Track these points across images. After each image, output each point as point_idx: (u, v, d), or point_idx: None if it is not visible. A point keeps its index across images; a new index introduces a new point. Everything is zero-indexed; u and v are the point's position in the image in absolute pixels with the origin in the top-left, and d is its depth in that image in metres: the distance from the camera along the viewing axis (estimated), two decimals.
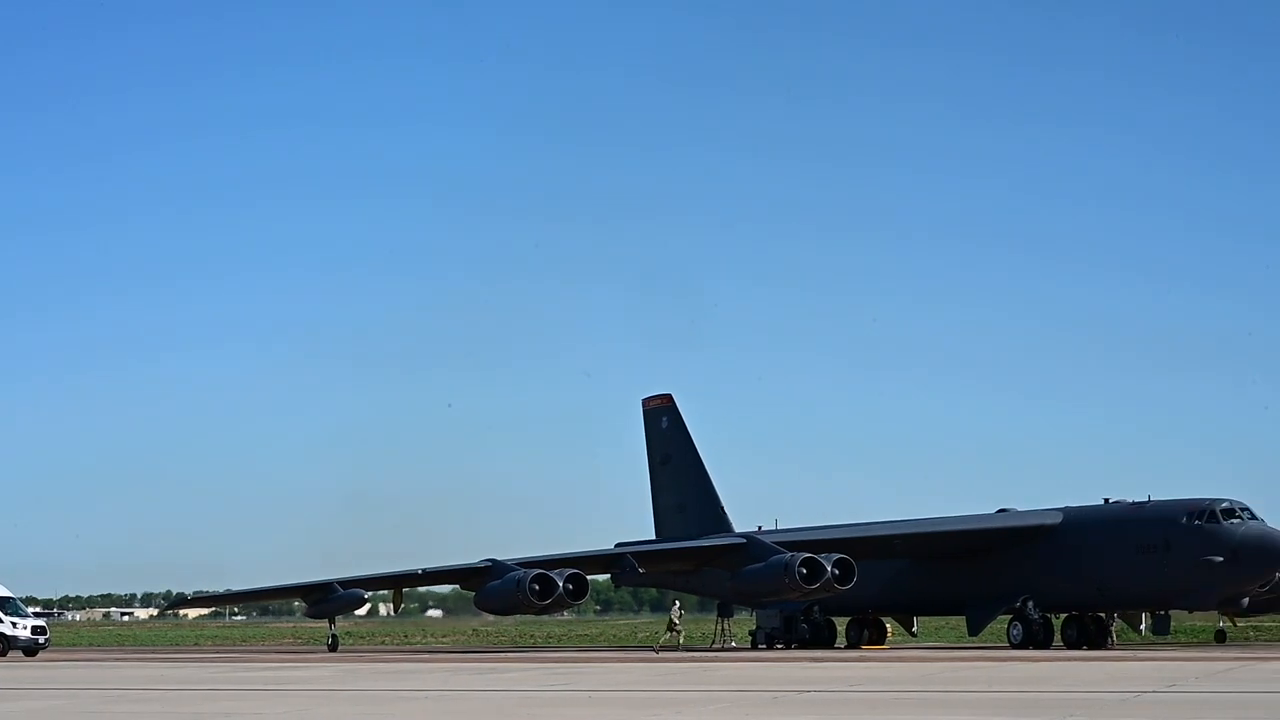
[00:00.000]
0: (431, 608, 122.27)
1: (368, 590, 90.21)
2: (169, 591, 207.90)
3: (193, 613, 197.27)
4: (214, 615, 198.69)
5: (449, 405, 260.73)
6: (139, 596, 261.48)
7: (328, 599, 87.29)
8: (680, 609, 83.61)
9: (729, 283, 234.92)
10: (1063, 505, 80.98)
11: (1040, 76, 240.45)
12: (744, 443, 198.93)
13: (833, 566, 76.49)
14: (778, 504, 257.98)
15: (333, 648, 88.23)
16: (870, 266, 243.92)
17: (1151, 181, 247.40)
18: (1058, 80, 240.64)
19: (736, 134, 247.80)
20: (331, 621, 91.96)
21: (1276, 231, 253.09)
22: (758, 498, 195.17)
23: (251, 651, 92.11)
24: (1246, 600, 77.69)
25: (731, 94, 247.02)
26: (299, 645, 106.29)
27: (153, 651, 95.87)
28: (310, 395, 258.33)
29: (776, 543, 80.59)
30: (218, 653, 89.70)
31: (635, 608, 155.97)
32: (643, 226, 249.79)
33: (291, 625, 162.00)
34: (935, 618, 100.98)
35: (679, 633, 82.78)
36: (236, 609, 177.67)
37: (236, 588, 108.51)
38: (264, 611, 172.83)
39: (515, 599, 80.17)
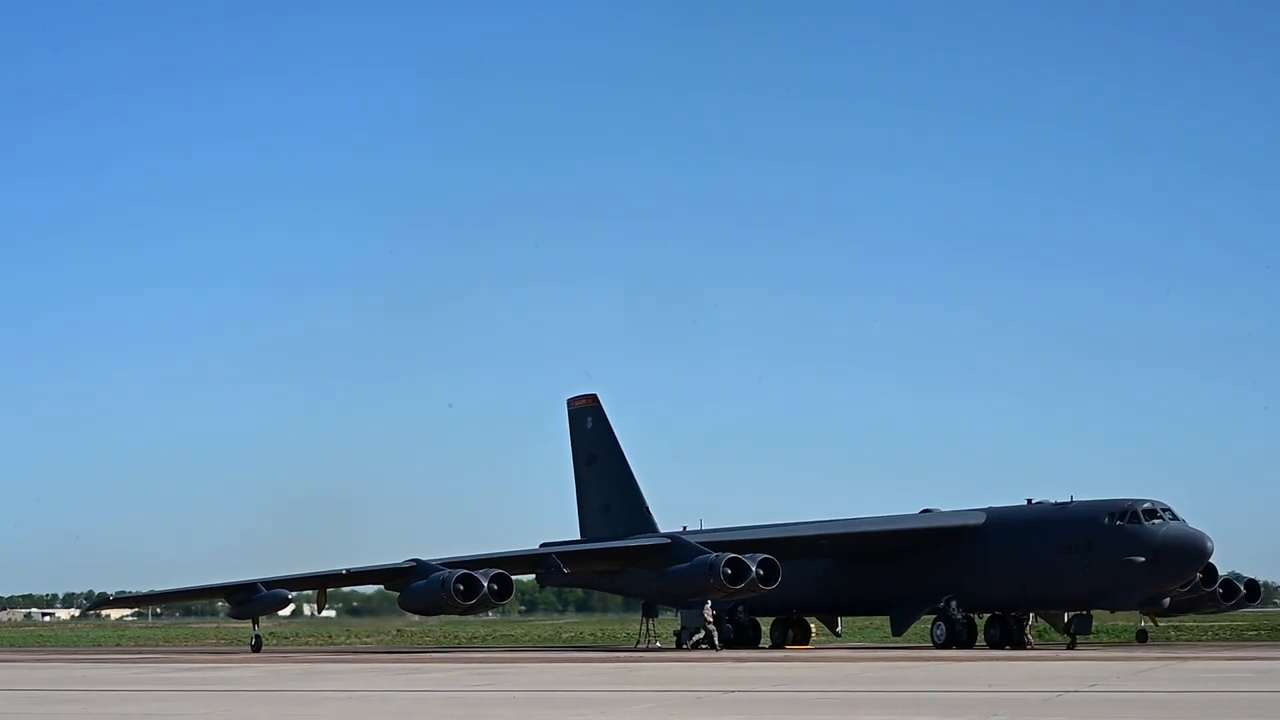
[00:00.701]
0: (356, 608, 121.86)
1: (292, 590, 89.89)
2: (91, 592, 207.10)
3: (115, 613, 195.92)
4: (137, 616, 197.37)
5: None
6: (60, 597, 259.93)
7: (251, 599, 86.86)
8: (712, 607, 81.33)
9: (654, 283, 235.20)
10: (986, 506, 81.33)
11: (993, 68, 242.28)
12: (669, 443, 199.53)
13: (757, 567, 76.59)
14: (703, 504, 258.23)
15: (256, 648, 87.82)
16: (798, 265, 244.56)
17: (1087, 177, 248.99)
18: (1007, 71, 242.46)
19: (670, 132, 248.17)
20: (255, 622, 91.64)
21: (1199, 230, 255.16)
22: (683, 498, 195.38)
23: (174, 652, 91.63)
24: (1168, 600, 78.18)
25: (668, 93, 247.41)
26: (222, 646, 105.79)
27: (75, 652, 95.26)
28: (235, 396, 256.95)
29: (701, 543, 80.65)
30: (140, 653, 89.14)
31: (560, 608, 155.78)
32: (572, 229, 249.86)
33: (215, 626, 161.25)
34: (859, 618, 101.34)
35: (713, 632, 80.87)
36: (159, 609, 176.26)
37: (159, 588, 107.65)
38: (187, 612, 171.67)
39: (440, 599, 79.99)
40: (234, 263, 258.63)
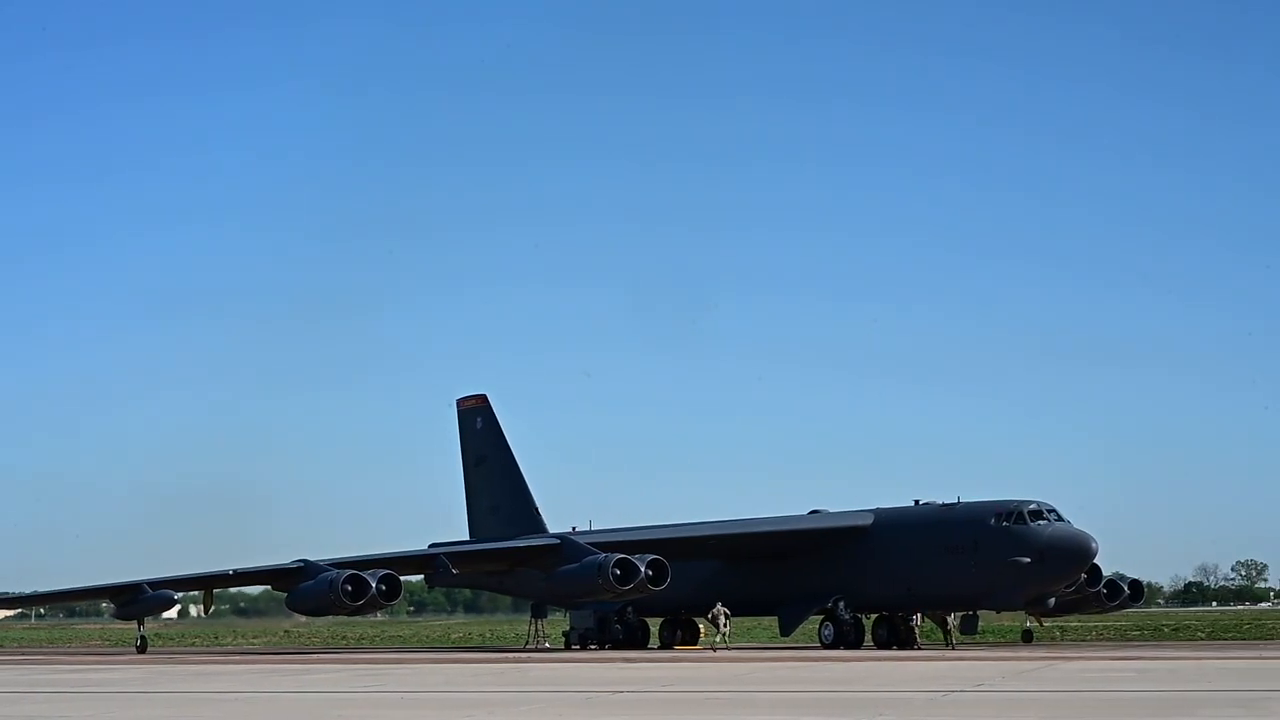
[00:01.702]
0: (244, 609, 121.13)
1: (178, 591, 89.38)
2: None
3: None
4: (19, 617, 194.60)
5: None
6: None
7: (136, 600, 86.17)
8: (723, 607, 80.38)
9: (543, 285, 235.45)
10: (874, 507, 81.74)
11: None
12: (559, 443, 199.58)
13: (646, 567, 76.62)
14: (592, 505, 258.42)
15: (141, 649, 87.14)
16: (685, 266, 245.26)
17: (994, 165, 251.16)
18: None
19: (535, 135, 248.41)
20: (140, 623, 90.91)
21: (1092, 226, 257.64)
22: (572, 499, 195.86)
23: (58, 654, 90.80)
24: (1053, 600, 78.76)
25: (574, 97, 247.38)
26: (107, 647, 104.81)
27: None
28: (121, 395, 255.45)
29: (591, 544, 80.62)
30: (23, 655, 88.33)
31: (449, 609, 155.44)
32: (461, 235, 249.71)
33: (99, 627, 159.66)
34: (748, 618, 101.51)
35: (726, 633, 79.91)
36: (42, 610, 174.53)
37: (43, 588, 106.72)
38: (71, 613, 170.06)
39: (328, 600, 79.63)
40: (132, 262, 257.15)
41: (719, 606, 78.66)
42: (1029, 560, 73.77)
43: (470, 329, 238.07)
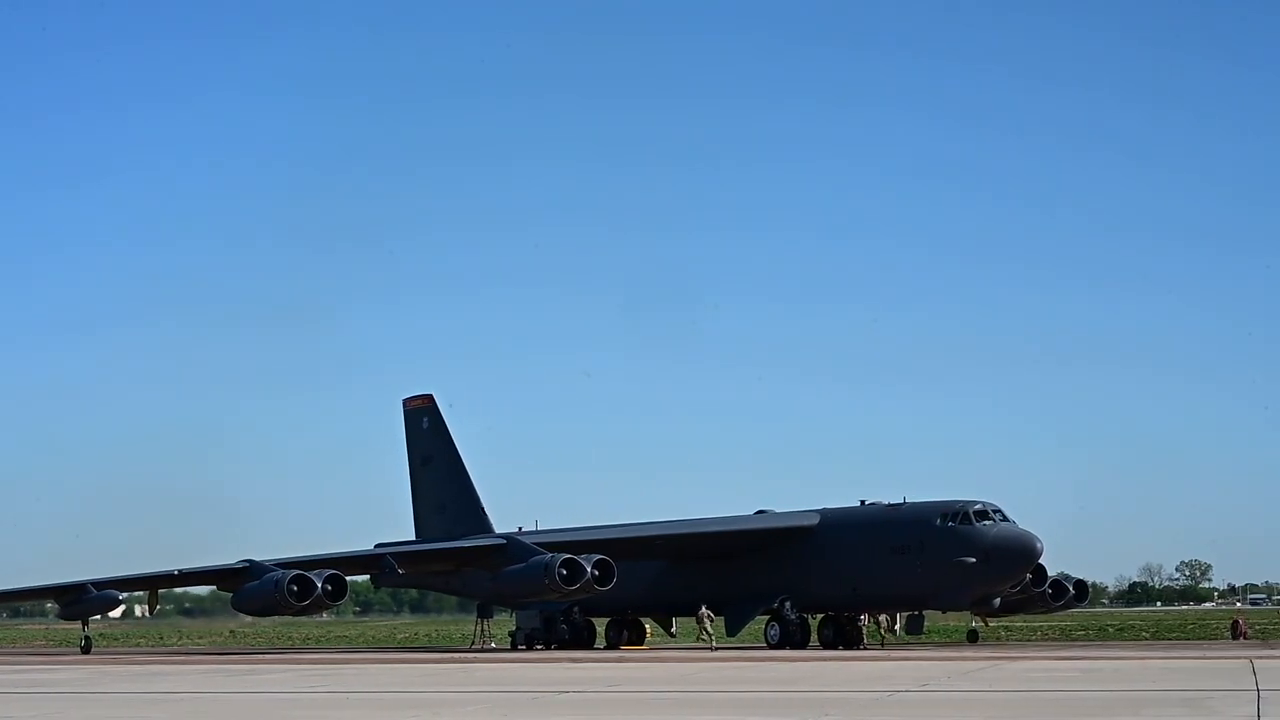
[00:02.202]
0: (189, 609, 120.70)
1: (122, 591, 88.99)
2: None
3: None
4: None
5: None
6: None
7: (81, 600, 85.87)
8: (708, 610, 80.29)
9: (492, 285, 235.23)
10: (820, 507, 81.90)
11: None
12: (505, 444, 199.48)
13: (592, 567, 76.62)
14: (539, 505, 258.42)
15: (86, 650, 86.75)
16: (633, 269, 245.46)
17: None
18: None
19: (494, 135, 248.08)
20: (85, 623, 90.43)
21: (1040, 229, 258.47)
22: (519, 499, 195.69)
23: (0, 654, 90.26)
24: (998, 600, 79.11)
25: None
26: (51, 647, 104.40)
27: None
28: (67, 394, 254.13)
29: (537, 544, 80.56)
30: None
31: (395, 609, 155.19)
32: (409, 239, 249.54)
33: (44, 627, 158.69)
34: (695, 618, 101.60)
35: (710, 634, 79.76)
36: None
37: None
38: (15, 613, 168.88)
39: (273, 600, 79.39)
40: (85, 266, 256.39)
41: (704, 610, 78.89)
42: (974, 560, 74.00)
43: (417, 330, 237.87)
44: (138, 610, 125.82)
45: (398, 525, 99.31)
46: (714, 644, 78.82)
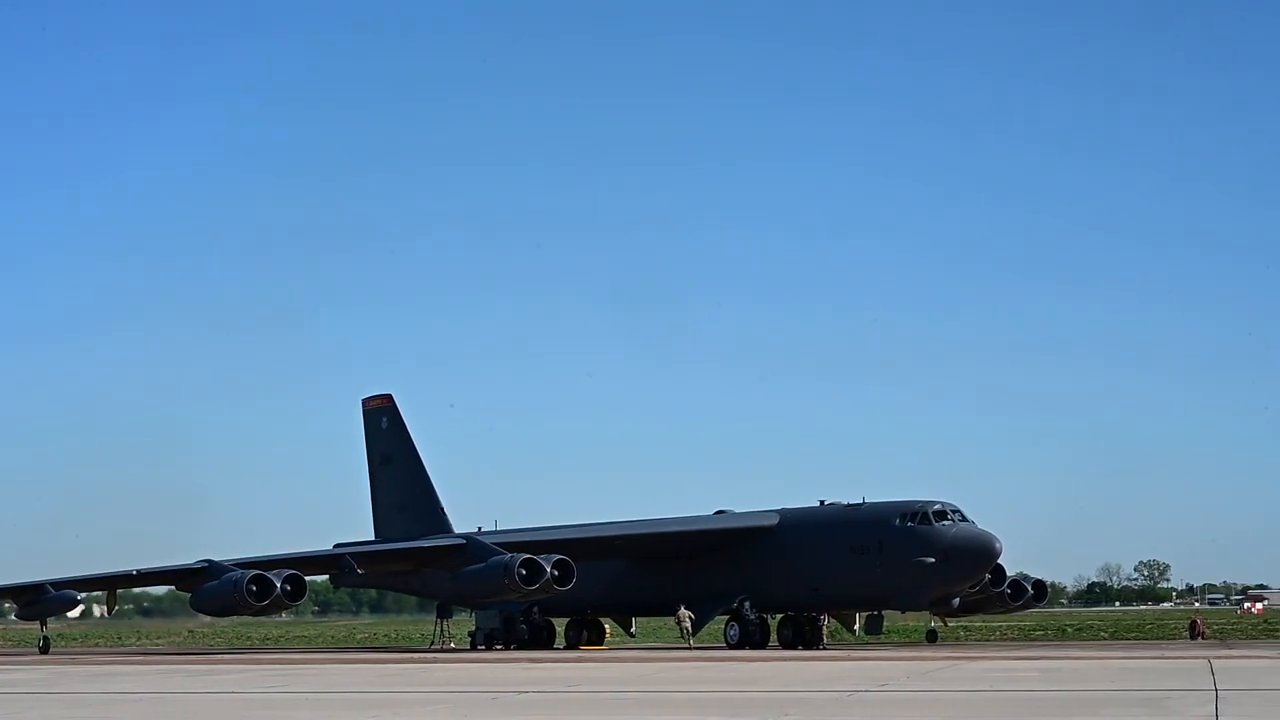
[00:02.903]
0: (147, 609, 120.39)
1: (81, 591, 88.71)
2: None
3: None
4: None
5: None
6: None
7: (39, 600, 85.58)
8: (687, 610, 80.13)
9: (453, 286, 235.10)
10: (779, 507, 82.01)
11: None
12: (465, 443, 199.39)
13: (552, 567, 76.60)
14: (498, 505, 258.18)
15: (44, 650, 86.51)
16: (600, 264, 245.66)
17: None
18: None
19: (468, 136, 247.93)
20: (43, 623, 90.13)
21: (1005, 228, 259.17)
22: (478, 498, 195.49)
23: None
24: (957, 600, 79.30)
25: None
26: (8, 648, 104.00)
27: None
28: (24, 395, 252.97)
29: (496, 544, 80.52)
30: None
31: (354, 609, 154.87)
32: (373, 243, 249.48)
33: (1, 628, 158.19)
34: (654, 618, 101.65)
35: (690, 632, 79.66)
36: None
37: None
38: None
39: (232, 600, 79.22)
40: (51, 265, 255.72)
41: (682, 610, 78.95)
42: (933, 560, 74.17)
43: (377, 331, 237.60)
44: (96, 610, 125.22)
45: (357, 525, 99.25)
46: (692, 642, 78.95)
